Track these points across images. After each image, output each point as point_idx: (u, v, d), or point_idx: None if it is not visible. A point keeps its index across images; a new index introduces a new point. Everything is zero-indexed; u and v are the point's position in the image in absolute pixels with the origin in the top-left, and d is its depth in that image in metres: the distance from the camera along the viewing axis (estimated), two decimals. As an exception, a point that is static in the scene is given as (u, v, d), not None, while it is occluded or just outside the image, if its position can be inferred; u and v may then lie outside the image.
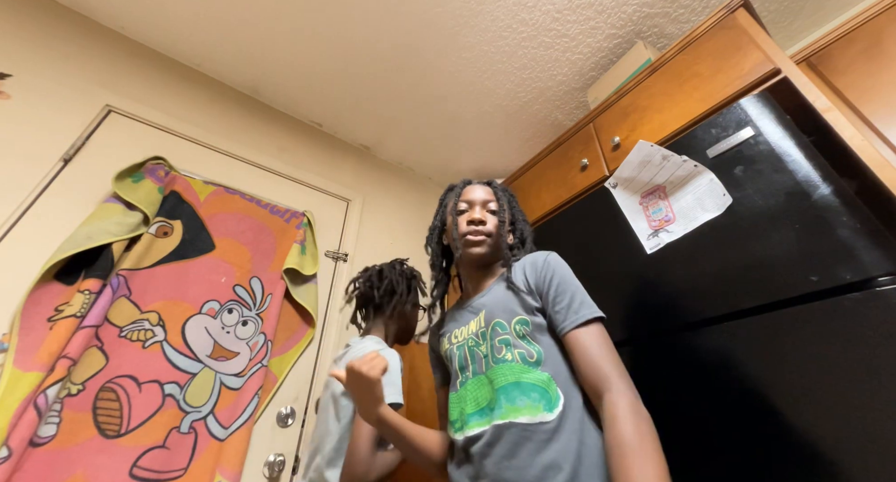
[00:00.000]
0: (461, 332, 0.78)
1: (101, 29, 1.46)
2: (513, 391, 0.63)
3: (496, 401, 0.63)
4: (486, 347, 0.70)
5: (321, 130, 1.95)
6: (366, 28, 1.46)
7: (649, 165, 0.94)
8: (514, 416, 0.60)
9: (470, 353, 0.73)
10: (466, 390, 0.69)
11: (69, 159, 1.19)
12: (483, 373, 0.68)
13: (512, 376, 0.64)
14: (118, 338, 1.07)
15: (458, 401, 0.70)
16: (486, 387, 0.66)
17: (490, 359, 0.68)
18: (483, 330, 0.73)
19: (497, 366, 0.67)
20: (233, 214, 1.42)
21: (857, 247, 0.61)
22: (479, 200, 0.84)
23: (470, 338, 0.75)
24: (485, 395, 0.66)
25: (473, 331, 0.75)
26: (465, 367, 0.72)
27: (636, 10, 1.39)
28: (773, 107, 0.79)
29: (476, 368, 0.70)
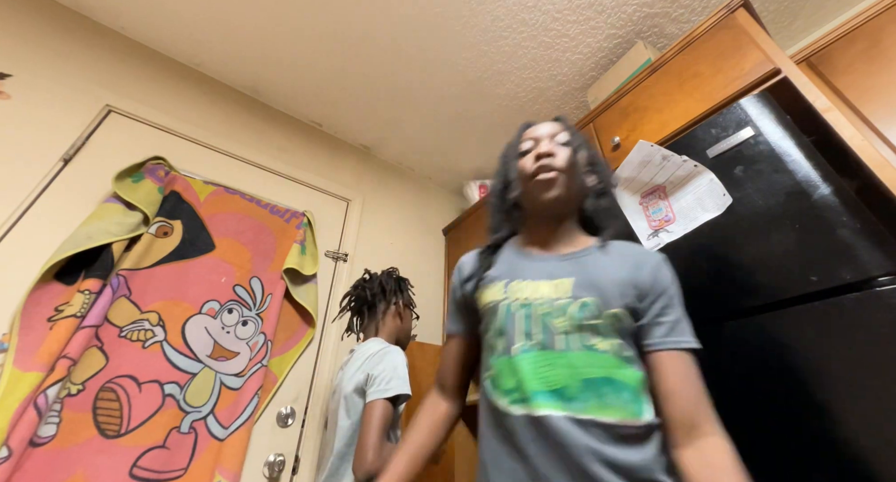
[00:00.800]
0: (526, 289, 0.65)
1: (101, 29, 1.46)
2: (603, 387, 0.55)
3: (577, 391, 0.55)
4: (568, 324, 0.59)
5: (321, 130, 1.95)
6: (366, 28, 1.46)
7: (649, 165, 0.94)
8: (599, 415, 0.53)
9: (541, 322, 0.61)
10: (528, 362, 0.59)
11: (69, 159, 1.19)
12: (557, 351, 0.58)
13: (603, 370, 0.56)
14: (118, 338, 1.07)
15: (512, 370, 0.60)
16: (561, 369, 0.57)
17: (573, 341, 0.59)
18: (566, 302, 0.61)
19: (584, 353, 0.58)
20: (233, 214, 1.42)
21: (857, 247, 0.61)
22: (546, 134, 0.72)
23: (542, 302, 0.62)
24: (559, 378, 0.56)
25: (549, 297, 0.62)
26: (529, 334, 0.61)
27: (636, 10, 1.39)
28: (773, 107, 0.79)
29: (546, 341, 0.59)
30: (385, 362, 0.97)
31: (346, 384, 1.02)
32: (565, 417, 0.53)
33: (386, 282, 1.22)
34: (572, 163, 0.69)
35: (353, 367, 1.04)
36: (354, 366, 1.03)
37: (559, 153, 0.69)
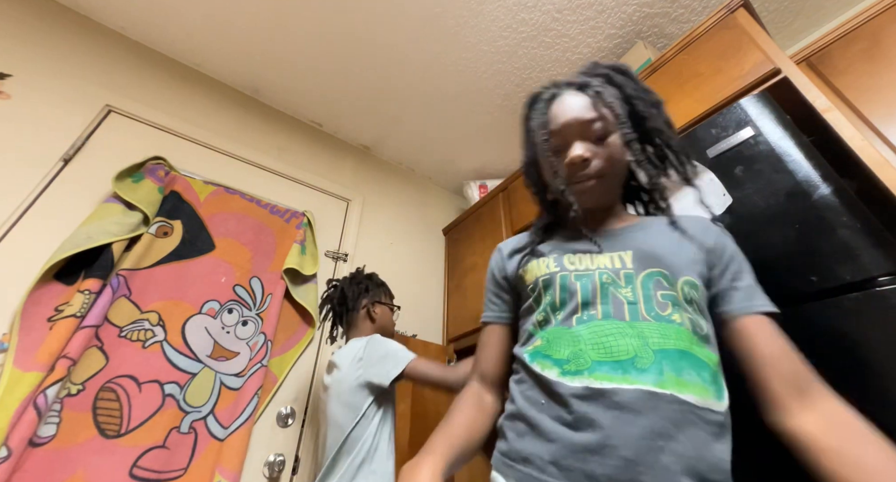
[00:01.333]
0: (579, 261, 0.61)
1: (101, 29, 1.46)
2: (680, 360, 0.50)
3: (650, 362, 0.49)
4: (636, 295, 0.55)
5: (321, 130, 1.95)
6: (366, 29, 1.46)
7: (649, 165, 0.93)
8: (679, 390, 0.47)
9: (602, 290, 0.56)
10: (589, 331, 0.54)
11: (69, 159, 1.19)
12: (626, 321, 0.53)
13: (681, 342, 0.51)
14: (118, 338, 1.07)
15: (571, 339, 0.54)
16: (629, 338, 0.52)
17: (643, 310, 0.54)
18: (630, 271, 0.57)
19: (658, 324, 0.52)
20: (233, 214, 1.42)
21: (857, 247, 0.61)
22: (576, 130, 0.60)
23: (603, 271, 0.58)
24: (627, 348, 0.51)
25: (609, 267, 0.58)
26: (590, 303, 0.56)
27: (636, 10, 1.39)
28: (773, 107, 0.79)
29: (612, 311, 0.54)
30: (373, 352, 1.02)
31: (341, 384, 1.02)
32: (637, 390, 0.47)
33: (348, 289, 1.24)
34: (612, 162, 0.60)
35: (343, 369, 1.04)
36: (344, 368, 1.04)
37: (596, 154, 0.60)
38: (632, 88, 0.64)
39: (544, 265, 0.63)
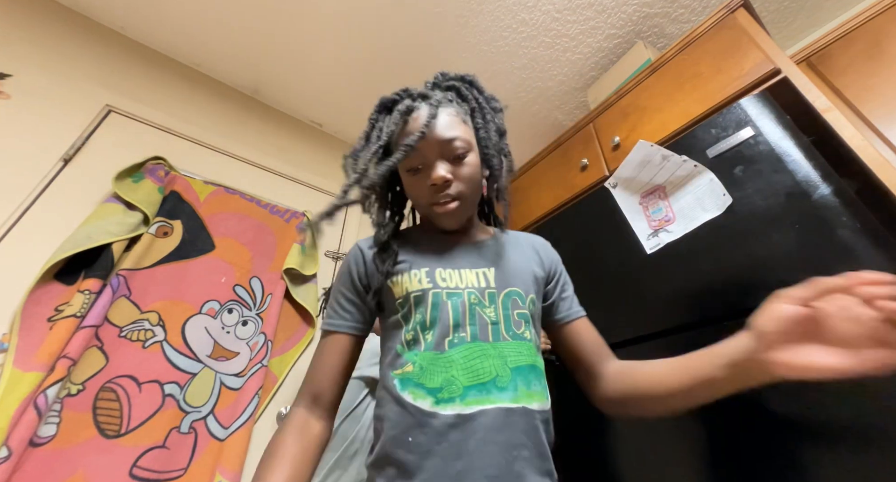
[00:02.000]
0: (452, 277, 0.61)
1: (101, 29, 1.46)
2: (529, 374, 0.56)
3: (508, 380, 0.54)
4: (497, 314, 0.59)
5: (321, 130, 1.95)
6: (366, 29, 1.46)
7: (649, 165, 0.94)
8: (528, 402, 0.54)
9: (470, 312, 0.58)
10: (460, 355, 0.55)
11: (69, 159, 1.19)
12: (489, 342, 0.57)
13: (530, 357, 0.58)
14: (118, 338, 1.07)
15: (444, 365, 0.55)
16: (492, 359, 0.55)
17: (503, 330, 0.58)
18: (492, 291, 0.60)
19: (515, 342, 0.58)
20: (233, 214, 1.42)
21: (857, 247, 0.61)
22: (436, 149, 0.59)
23: (471, 291, 0.60)
24: (489, 370, 0.54)
25: (476, 287, 0.60)
26: (460, 325, 0.57)
27: (636, 10, 1.39)
28: (772, 107, 0.79)
29: (477, 333, 0.57)
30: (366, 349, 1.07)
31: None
32: (496, 409, 0.52)
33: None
34: (473, 178, 0.61)
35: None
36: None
37: (456, 175, 0.59)
38: (483, 100, 0.66)
39: (416, 279, 0.60)
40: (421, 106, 0.61)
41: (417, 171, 0.61)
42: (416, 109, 0.61)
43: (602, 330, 0.92)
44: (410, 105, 0.61)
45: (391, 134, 0.61)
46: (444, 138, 0.59)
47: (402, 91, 0.65)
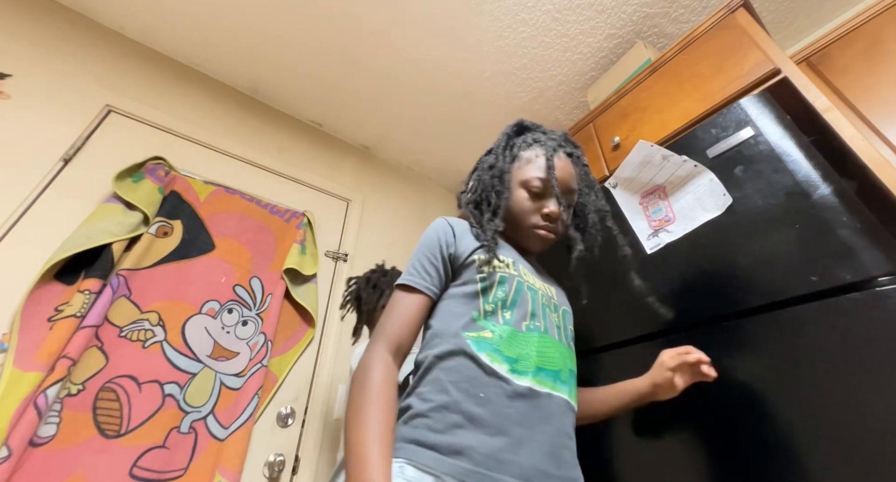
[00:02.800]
0: (529, 275, 0.70)
1: (101, 29, 1.46)
2: (573, 378, 0.67)
3: (567, 377, 0.64)
4: (559, 321, 0.69)
5: (321, 130, 1.95)
6: (366, 29, 1.46)
7: (649, 165, 0.94)
8: (573, 400, 0.64)
9: (543, 308, 0.67)
10: (535, 340, 0.62)
11: (69, 159, 1.19)
12: (556, 339, 0.65)
13: (576, 367, 0.69)
14: (118, 338, 1.07)
15: (522, 341, 0.61)
16: (559, 355, 0.64)
17: (564, 336, 0.69)
18: (557, 303, 0.72)
19: (569, 349, 0.69)
20: (233, 214, 1.42)
21: (857, 247, 0.61)
22: (562, 192, 0.74)
23: (544, 293, 0.70)
24: (557, 361, 0.63)
25: (545, 293, 0.70)
26: (535, 315, 0.65)
27: (636, 10, 1.39)
28: (773, 107, 0.79)
29: (548, 327, 0.65)
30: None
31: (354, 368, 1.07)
32: (562, 398, 0.60)
33: (363, 291, 1.24)
34: (567, 224, 0.77)
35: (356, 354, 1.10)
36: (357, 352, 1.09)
37: (563, 217, 0.74)
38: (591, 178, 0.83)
39: (503, 264, 0.67)
40: (560, 153, 0.77)
41: (538, 195, 0.74)
42: (557, 153, 0.76)
43: (602, 330, 0.92)
44: (554, 147, 0.77)
45: (535, 167, 0.75)
46: (572, 188, 0.76)
47: (545, 132, 0.82)
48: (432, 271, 0.68)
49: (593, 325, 0.94)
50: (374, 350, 0.60)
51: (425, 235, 0.72)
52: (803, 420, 0.59)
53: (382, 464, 0.47)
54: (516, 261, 0.71)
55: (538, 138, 0.79)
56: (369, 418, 0.51)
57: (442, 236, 0.71)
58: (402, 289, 0.67)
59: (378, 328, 0.63)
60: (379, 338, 0.61)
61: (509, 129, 0.83)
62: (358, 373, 0.57)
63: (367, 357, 0.59)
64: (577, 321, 0.78)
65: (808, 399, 0.60)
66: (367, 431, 0.49)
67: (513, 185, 0.75)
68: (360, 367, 0.58)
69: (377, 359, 0.58)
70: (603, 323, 0.93)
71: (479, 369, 0.57)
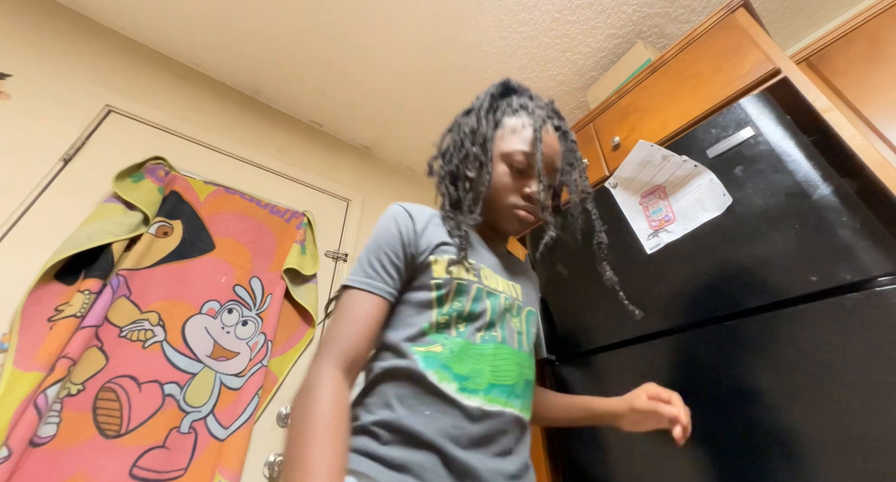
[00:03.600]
0: (491, 279, 0.63)
1: (101, 29, 1.46)
2: (531, 389, 0.63)
3: (521, 389, 0.59)
4: (521, 326, 0.64)
5: (321, 130, 1.95)
6: (366, 29, 1.46)
7: (649, 165, 0.94)
8: (527, 414, 0.60)
9: (504, 313, 0.61)
10: (490, 353, 0.57)
11: (69, 159, 1.19)
12: (515, 349, 0.60)
13: (533, 374, 0.64)
14: (118, 338, 1.07)
15: (475, 356, 0.56)
16: (514, 366, 0.59)
17: (524, 342, 0.63)
18: (520, 304, 0.66)
19: (528, 356, 0.63)
20: (233, 214, 1.41)
21: (857, 247, 0.61)
22: (546, 170, 0.66)
23: (506, 298, 0.63)
24: (511, 374, 0.58)
25: (509, 294, 0.64)
26: (493, 325, 0.59)
27: (636, 10, 1.39)
28: (773, 107, 0.79)
29: (507, 337, 0.60)
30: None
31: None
32: (513, 414, 0.56)
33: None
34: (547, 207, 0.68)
35: None
36: None
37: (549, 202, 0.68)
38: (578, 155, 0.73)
39: (463, 270, 0.60)
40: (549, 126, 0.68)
41: (520, 172, 0.66)
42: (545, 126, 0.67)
43: (602, 330, 0.92)
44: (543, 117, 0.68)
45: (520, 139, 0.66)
46: (556, 167, 0.68)
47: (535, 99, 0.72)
48: (393, 272, 0.59)
49: (593, 325, 0.94)
50: (321, 366, 0.50)
51: (382, 227, 0.62)
52: (803, 420, 0.59)
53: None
54: (480, 260, 0.64)
55: (525, 104, 0.70)
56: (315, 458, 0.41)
57: (403, 230, 0.61)
58: (354, 293, 0.57)
59: (327, 338, 0.54)
60: (328, 351, 0.52)
61: (494, 89, 0.73)
62: (301, 396, 0.48)
63: (314, 374, 0.49)
64: (576, 321, 0.78)
65: (808, 399, 0.59)
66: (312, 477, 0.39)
67: (493, 157, 0.67)
68: (303, 388, 0.49)
69: (326, 378, 0.49)
70: (603, 323, 0.93)
71: (425, 388, 0.52)
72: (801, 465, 0.58)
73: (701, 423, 0.70)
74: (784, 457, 0.60)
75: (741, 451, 0.64)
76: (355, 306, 0.56)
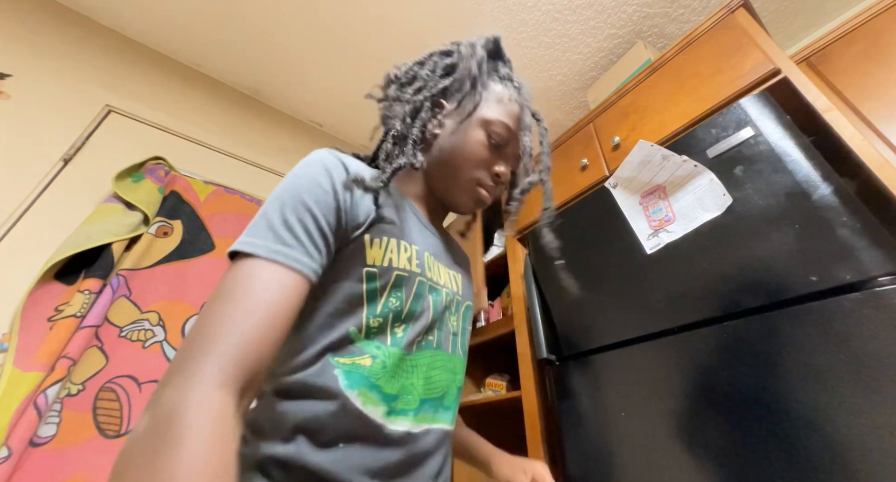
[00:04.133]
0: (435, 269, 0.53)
1: (101, 29, 1.46)
2: (459, 396, 0.54)
3: (452, 399, 0.51)
4: (458, 326, 0.55)
5: (322, 130, 1.95)
6: (366, 30, 1.46)
7: (649, 165, 0.94)
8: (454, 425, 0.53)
9: (445, 312, 0.52)
10: (425, 362, 0.47)
11: (69, 159, 1.19)
12: (448, 353, 0.51)
13: (463, 378, 0.55)
14: (118, 338, 1.07)
15: (408, 369, 0.45)
16: (446, 373, 0.50)
17: (459, 344, 0.54)
18: (459, 299, 0.56)
19: (461, 360, 0.55)
20: (233, 214, 1.42)
21: (857, 247, 0.61)
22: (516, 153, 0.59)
23: (448, 292, 0.54)
24: (441, 384, 0.49)
25: (450, 288, 0.55)
26: (431, 328, 0.49)
27: (636, 10, 1.39)
28: (773, 107, 0.79)
29: (442, 341, 0.50)
30: None
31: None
32: (440, 430, 0.48)
33: None
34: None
35: None
36: None
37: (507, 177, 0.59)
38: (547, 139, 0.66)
39: (405, 255, 0.48)
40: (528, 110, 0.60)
41: (496, 147, 0.56)
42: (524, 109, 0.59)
43: (602, 330, 0.92)
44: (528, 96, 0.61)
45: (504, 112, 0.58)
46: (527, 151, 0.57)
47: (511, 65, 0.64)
48: (321, 243, 0.42)
49: (593, 325, 0.94)
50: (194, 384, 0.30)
51: (308, 177, 0.44)
52: (803, 420, 0.59)
53: None
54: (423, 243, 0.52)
55: (511, 76, 0.62)
56: None
57: (339, 189, 0.44)
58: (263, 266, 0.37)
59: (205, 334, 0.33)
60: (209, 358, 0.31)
61: (485, 43, 0.61)
62: (147, 442, 0.29)
63: (177, 398, 0.29)
64: (576, 321, 0.78)
65: (808, 399, 0.59)
66: None
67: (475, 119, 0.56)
68: (152, 426, 0.29)
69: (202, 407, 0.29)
70: (603, 323, 0.93)
71: (343, 413, 0.40)
72: (801, 465, 0.58)
73: (700, 423, 0.70)
74: (784, 457, 0.60)
75: (741, 451, 0.64)
76: (260, 286, 0.36)
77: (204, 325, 0.33)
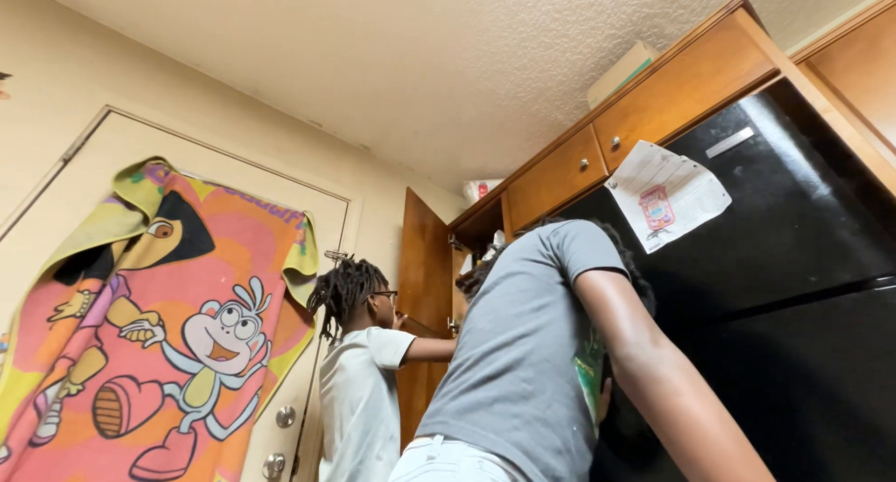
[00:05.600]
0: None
1: (101, 29, 1.46)
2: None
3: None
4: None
5: (321, 130, 1.95)
6: (366, 29, 1.46)
7: (649, 165, 0.94)
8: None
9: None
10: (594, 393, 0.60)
11: (69, 159, 1.19)
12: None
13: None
14: (118, 338, 1.07)
15: (595, 400, 0.60)
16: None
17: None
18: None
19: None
20: (233, 214, 1.42)
21: (856, 247, 0.61)
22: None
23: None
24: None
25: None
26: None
27: (636, 11, 1.40)
28: (772, 107, 0.79)
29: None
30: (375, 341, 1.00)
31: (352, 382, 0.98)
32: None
33: (341, 287, 1.12)
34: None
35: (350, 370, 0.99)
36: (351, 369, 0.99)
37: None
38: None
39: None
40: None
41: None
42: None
43: (602, 330, 0.92)
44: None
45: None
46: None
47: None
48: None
49: (593, 325, 0.94)
50: (669, 343, 0.47)
51: (601, 232, 0.65)
52: (804, 420, 0.59)
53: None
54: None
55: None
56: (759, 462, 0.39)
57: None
58: (624, 277, 0.55)
59: (643, 314, 0.49)
60: (655, 327, 0.48)
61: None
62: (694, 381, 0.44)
63: (676, 353, 0.45)
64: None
65: (808, 399, 0.60)
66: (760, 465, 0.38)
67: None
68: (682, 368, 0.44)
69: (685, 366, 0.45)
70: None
71: (579, 403, 0.54)
72: (801, 465, 0.58)
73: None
74: (784, 457, 0.60)
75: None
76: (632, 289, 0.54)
77: (634, 310, 0.50)
